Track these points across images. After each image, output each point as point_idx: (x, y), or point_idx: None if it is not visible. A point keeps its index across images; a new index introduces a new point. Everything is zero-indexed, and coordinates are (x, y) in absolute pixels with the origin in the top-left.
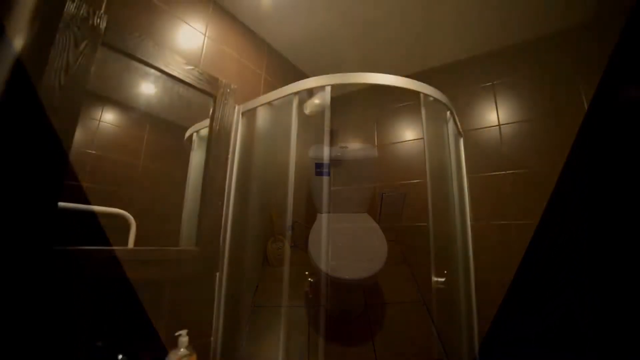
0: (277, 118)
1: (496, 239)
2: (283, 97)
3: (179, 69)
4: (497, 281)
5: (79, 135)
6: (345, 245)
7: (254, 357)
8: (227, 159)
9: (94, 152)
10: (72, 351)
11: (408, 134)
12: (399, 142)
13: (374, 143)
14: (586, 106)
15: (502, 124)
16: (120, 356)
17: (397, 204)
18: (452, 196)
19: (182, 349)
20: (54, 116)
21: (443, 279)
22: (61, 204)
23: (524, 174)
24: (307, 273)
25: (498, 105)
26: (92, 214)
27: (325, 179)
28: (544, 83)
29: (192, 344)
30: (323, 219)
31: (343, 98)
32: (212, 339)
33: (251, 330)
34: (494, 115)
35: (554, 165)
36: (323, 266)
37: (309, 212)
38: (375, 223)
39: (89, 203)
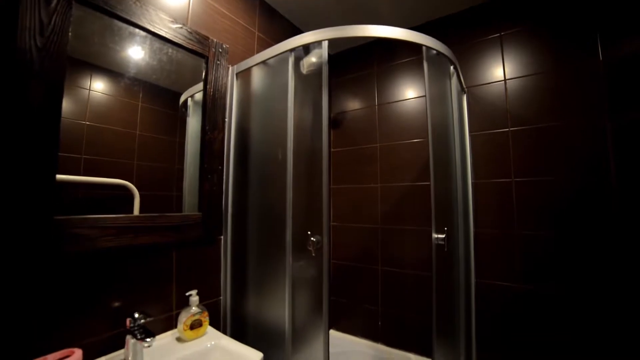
0: (274, 78)
1: (496, 196)
2: (278, 54)
3: (165, 27)
4: (495, 236)
5: (70, 106)
6: None
7: (262, 312)
8: (224, 122)
9: (88, 123)
10: (91, 312)
11: (409, 92)
12: (400, 101)
13: (374, 102)
14: (601, 57)
15: (509, 79)
16: (136, 314)
17: None
18: (454, 155)
19: (193, 307)
20: (35, 82)
21: (443, 236)
22: (60, 176)
23: (527, 131)
24: (309, 232)
25: (505, 59)
26: (95, 186)
27: (325, 139)
28: (556, 33)
29: (203, 303)
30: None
31: (341, 56)
32: (221, 298)
33: (258, 289)
34: (500, 70)
35: (558, 120)
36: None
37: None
38: None
39: (89, 175)
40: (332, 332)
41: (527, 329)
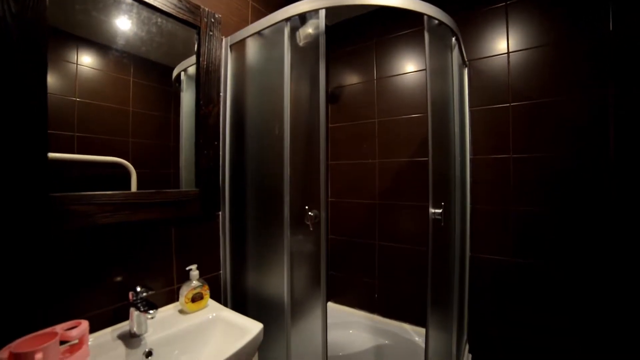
0: (269, 50)
1: (494, 172)
2: (273, 24)
3: None
4: (491, 212)
5: (57, 81)
6: None
7: (261, 286)
8: (219, 97)
9: (78, 99)
10: (95, 286)
11: (409, 66)
12: (399, 75)
13: (373, 76)
14: (612, 27)
15: (512, 52)
16: (138, 288)
17: None
18: (453, 130)
19: (194, 281)
20: (14, 52)
21: (440, 210)
22: (53, 154)
23: (528, 106)
24: (307, 207)
25: (510, 30)
26: (90, 164)
27: (323, 113)
28: (566, 0)
29: (203, 277)
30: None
31: (339, 27)
32: (221, 272)
33: (257, 263)
34: (503, 43)
35: (560, 96)
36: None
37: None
38: None
39: (84, 154)
40: (329, 304)
41: (517, 300)
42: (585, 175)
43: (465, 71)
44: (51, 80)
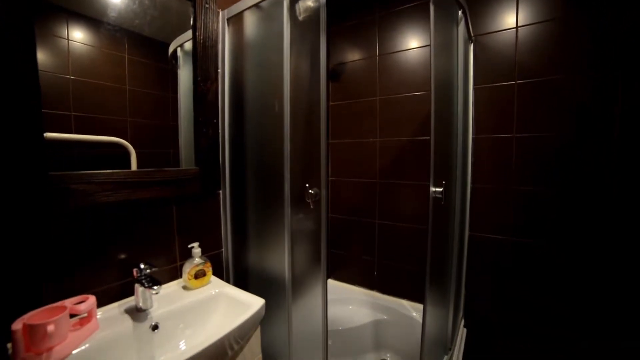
0: (268, 24)
1: (496, 151)
2: None
3: None
4: (491, 191)
5: (49, 58)
6: None
7: (262, 263)
8: (217, 73)
9: (72, 77)
10: (100, 264)
11: (413, 42)
12: (402, 51)
13: (375, 53)
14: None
15: (521, 26)
16: (141, 265)
17: None
18: (456, 108)
19: (196, 259)
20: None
21: (441, 189)
22: (50, 134)
23: (535, 84)
24: (307, 185)
25: (520, 2)
26: (89, 144)
27: (323, 90)
28: None
29: (205, 255)
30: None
31: (340, 0)
32: (222, 250)
33: (258, 240)
34: (512, 17)
35: (568, 73)
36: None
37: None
38: None
39: (82, 133)
40: (330, 281)
41: (514, 278)
42: (589, 156)
43: (471, 47)
44: (42, 57)
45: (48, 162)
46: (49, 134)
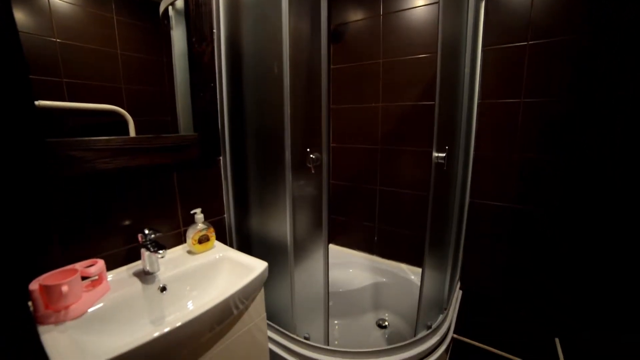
0: None
1: (502, 117)
2: None
3: None
4: (494, 158)
5: (28, 18)
6: None
7: (264, 228)
8: (212, 33)
9: (58, 40)
10: (105, 230)
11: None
12: (408, 9)
13: (379, 11)
14: None
15: None
16: (146, 230)
17: None
18: (463, 72)
19: (199, 224)
20: None
21: (443, 155)
22: (43, 102)
23: (548, 45)
24: (308, 150)
25: None
26: (85, 113)
27: (324, 52)
28: None
29: (208, 221)
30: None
31: None
32: (225, 215)
33: (260, 206)
34: None
35: (586, 34)
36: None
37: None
38: None
39: (76, 101)
40: (331, 245)
41: (513, 245)
42: (596, 122)
43: (482, 4)
44: (21, 16)
45: (44, 129)
46: (41, 102)
